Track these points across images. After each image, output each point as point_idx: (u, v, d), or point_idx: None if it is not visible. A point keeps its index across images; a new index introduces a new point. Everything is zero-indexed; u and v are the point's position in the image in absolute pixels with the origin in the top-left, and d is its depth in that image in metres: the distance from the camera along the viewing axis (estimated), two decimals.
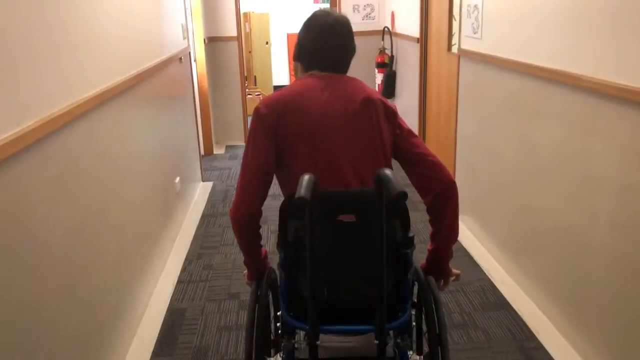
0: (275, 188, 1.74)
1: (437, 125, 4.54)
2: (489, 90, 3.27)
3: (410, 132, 1.75)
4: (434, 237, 1.77)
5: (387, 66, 5.84)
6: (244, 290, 3.05)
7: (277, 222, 1.62)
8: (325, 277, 1.53)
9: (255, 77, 8.81)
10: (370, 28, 6.10)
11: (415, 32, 4.86)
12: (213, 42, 6.01)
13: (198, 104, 5.61)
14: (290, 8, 9.67)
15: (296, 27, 1.88)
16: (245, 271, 1.87)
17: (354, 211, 1.53)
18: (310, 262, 1.43)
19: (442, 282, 1.85)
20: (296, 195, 1.28)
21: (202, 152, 5.81)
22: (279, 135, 1.64)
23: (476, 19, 3.37)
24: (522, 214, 2.92)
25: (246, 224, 1.69)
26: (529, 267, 2.88)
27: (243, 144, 6.23)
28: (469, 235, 3.61)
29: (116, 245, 2.47)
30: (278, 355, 1.80)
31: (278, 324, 1.79)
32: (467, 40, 3.58)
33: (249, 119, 1.90)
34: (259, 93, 8.06)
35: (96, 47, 2.34)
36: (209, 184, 4.90)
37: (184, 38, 4.43)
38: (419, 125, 4.90)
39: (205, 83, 5.66)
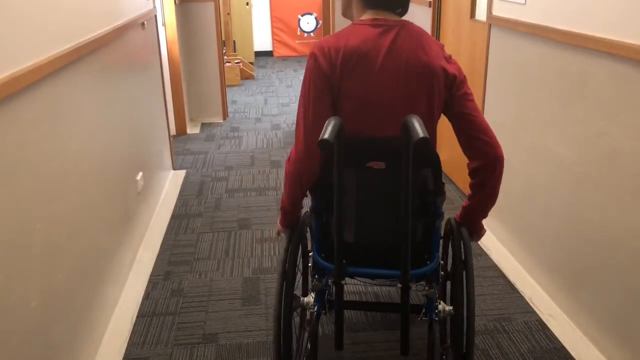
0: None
1: None
2: (535, 70, 2.57)
3: (467, 96, 1.66)
4: (471, 199, 1.76)
5: None
6: (224, 329, 2.37)
7: None
8: (354, 221, 1.61)
9: (234, 42, 7.97)
10: None
11: None
12: (185, 2, 5.18)
13: (168, 76, 4.82)
14: None
15: None
16: (279, 218, 1.85)
17: (383, 158, 1.57)
18: (337, 203, 1.49)
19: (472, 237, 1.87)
20: (320, 138, 1.32)
21: (174, 132, 5.05)
22: (333, 87, 1.60)
23: None
24: (580, 232, 2.26)
25: (305, 179, 1.68)
26: (590, 301, 2.24)
27: (222, 121, 5.47)
28: (503, 253, 2.94)
29: (42, 285, 1.75)
30: (310, 294, 1.83)
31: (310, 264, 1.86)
32: (502, 5, 2.85)
33: (227, 92, 2.18)
34: (238, 61, 7.24)
35: (24, 11, 1.59)
36: (181, 173, 4.16)
37: None
38: None
39: (177, 51, 4.86)
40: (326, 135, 1.32)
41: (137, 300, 2.58)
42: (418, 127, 1.30)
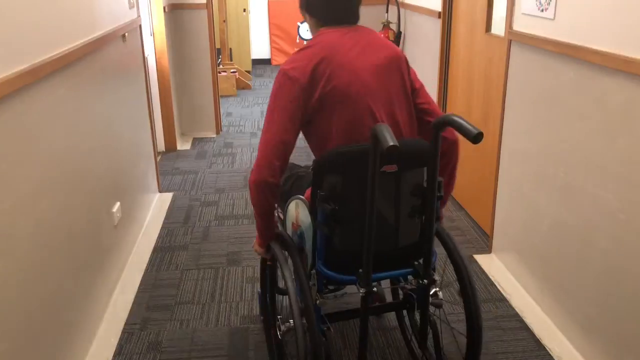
0: None
1: None
2: (567, 95, 2.24)
3: (422, 86, 1.81)
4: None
5: None
6: None
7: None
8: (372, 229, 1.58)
9: (230, 50, 7.65)
10: None
11: (434, 4, 3.78)
12: (176, 10, 4.85)
13: (156, 90, 4.49)
14: None
15: None
16: (255, 242, 1.90)
17: (394, 161, 1.59)
18: (369, 212, 1.50)
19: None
20: (389, 144, 1.31)
21: (163, 149, 4.72)
22: (313, 96, 1.63)
23: None
24: (626, 289, 1.93)
25: (264, 188, 1.68)
26: None
27: (215, 135, 5.13)
28: (527, 300, 2.60)
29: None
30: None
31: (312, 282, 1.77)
32: (525, 19, 2.53)
33: (223, 103, 2.24)
34: (234, 70, 6.91)
35: None
36: (168, 196, 3.82)
37: (132, 7, 3.30)
38: None
39: (166, 62, 4.52)
40: (392, 142, 1.32)
41: (107, 357, 2.24)
42: (387, 135, 1.34)
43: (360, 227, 1.54)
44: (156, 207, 3.63)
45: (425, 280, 1.70)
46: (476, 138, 1.39)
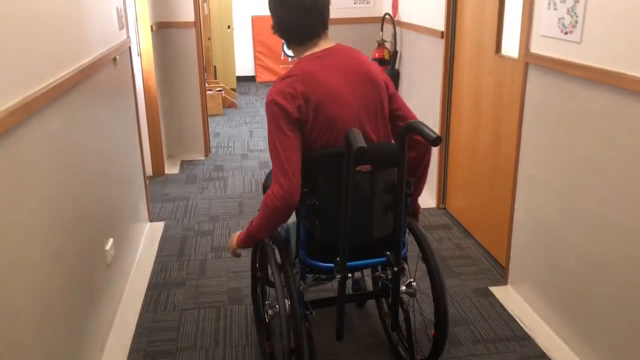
0: None
1: (472, 153, 3.37)
2: (598, 124, 2.11)
3: (396, 95, 1.97)
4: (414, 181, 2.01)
5: (387, 63, 4.63)
6: None
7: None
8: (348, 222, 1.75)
9: (215, 68, 7.47)
10: (364, 14, 4.86)
11: (436, 22, 3.66)
12: (163, 29, 4.67)
13: (143, 111, 4.29)
14: None
15: (261, 9, 3.39)
16: (235, 237, 2.05)
17: (369, 162, 1.78)
18: (345, 207, 1.71)
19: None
20: (357, 146, 1.55)
21: (151, 173, 4.51)
22: (301, 117, 1.77)
23: (571, 10, 2.19)
24: None
25: (291, 210, 1.81)
26: None
27: (204, 158, 4.94)
28: (553, 339, 2.45)
29: None
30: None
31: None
32: (545, 41, 2.41)
33: (210, 122, 3.12)
34: (220, 89, 6.73)
35: None
36: (159, 226, 3.61)
37: (122, 28, 3.11)
38: (441, 149, 3.72)
39: (154, 83, 4.33)
40: (363, 144, 1.55)
41: None
42: (357, 138, 1.57)
43: (338, 220, 1.74)
44: (148, 238, 3.42)
45: (396, 268, 1.90)
46: (435, 141, 1.58)
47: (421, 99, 4.04)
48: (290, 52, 1.94)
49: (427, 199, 3.93)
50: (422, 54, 3.98)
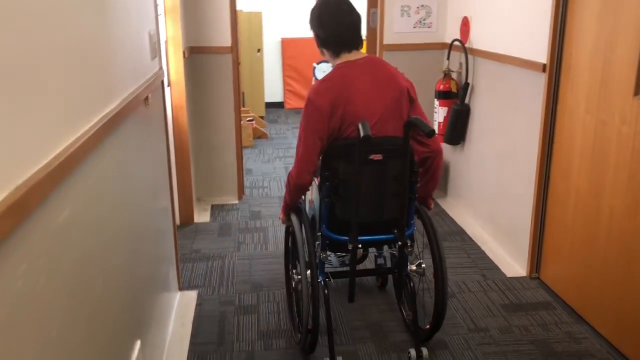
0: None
1: (588, 216, 2.69)
2: None
3: (416, 102, 2.30)
4: (422, 180, 2.34)
5: (453, 97, 3.98)
6: None
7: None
8: (362, 202, 2.17)
9: (243, 94, 6.85)
10: (426, 39, 4.21)
11: (532, 52, 3.00)
12: (196, 54, 4.05)
13: (172, 150, 3.66)
14: (285, 6, 7.72)
15: (291, 31, 4.26)
16: (281, 214, 2.50)
17: (380, 152, 2.11)
18: (357, 188, 2.10)
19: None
20: (364, 134, 1.89)
21: (179, 222, 3.86)
22: (333, 120, 2.15)
23: None
24: None
25: (302, 187, 2.29)
26: None
27: (237, 201, 4.29)
28: None
29: None
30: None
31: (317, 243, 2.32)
32: None
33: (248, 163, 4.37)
34: (251, 119, 6.10)
35: None
36: (191, 297, 2.94)
37: (154, 57, 2.48)
38: (536, 204, 3.02)
39: (184, 117, 3.70)
40: (368, 133, 1.89)
41: None
42: (362, 129, 1.90)
43: (354, 200, 2.10)
44: (178, 316, 2.75)
45: (400, 243, 2.21)
46: (429, 134, 1.97)
47: (504, 142, 3.37)
48: (321, 76, 2.19)
49: (514, 265, 3.25)
50: (508, 88, 3.32)
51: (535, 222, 3.05)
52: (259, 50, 7.09)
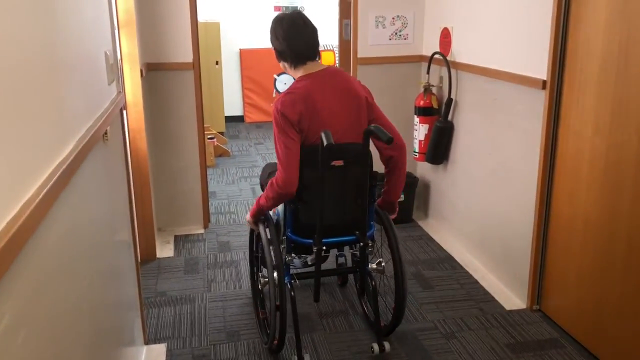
0: None
1: (598, 243, 2.47)
2: None
3: (374, 105, 2.43)
4: (388, 182, 2.49)
5: (435, 113, 3.73)
6: None
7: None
8: (326, 206, 2.28)
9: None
10: (402, 52, 3.96)
11: (534, 69, 2.77)
12: (154, 71, 3.68)
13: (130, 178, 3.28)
14: (243, 15, 7.37)
15: (250, 41, 4.75)
16: (249, 213, 2.53)
17: (342, 158, 2.26)
18: (322, 194, 2.23)
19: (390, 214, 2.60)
20: (327, 143, 2.06)
21: (139, 258, 3.46)
22: (301, 129, 2.25)
23: None
24: None
25: (289, 196, 2.29)
26: None
27: (203, 231, 3.94)
28: None
29: None
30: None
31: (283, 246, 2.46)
32: None
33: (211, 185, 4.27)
34: (212, 136, 5.72)
35: None
36: (159, 351, 2.57)
37: (112, 81, 2.12)
38: (537, 230, 2.79)
39: (144, 142, 3.32)
40: (331, 141, 2.06)
41: None
42: (324, 138, 2.07)
43: (317, 205, 2.25)
44: None
45: (362, 243, 2.39)
46: (388, 141, 2.13)
47: (495, 162, 3.14)
48: (282, 88, 2.65)
49: (511, 296, 3.01)
50: (499, 105, 3.08)
51: (536, 249, 2.81)
52: (217, 63, 6.72)
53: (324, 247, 2.33)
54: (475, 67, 3.28)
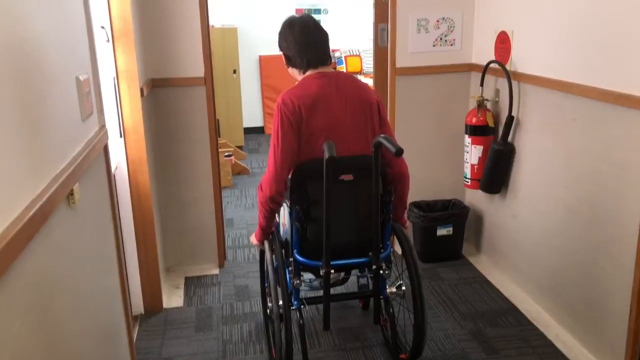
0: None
1: None
2: None
3: (384, 119, 2.28)
4: (395, 198, 2.28)
5: (490, 133, 3.14)
6: None
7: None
8: (334, 224, 2.05)
9: (218, 122, 5.92)
10: (449, 60, 3.37)
11: (631, 82, 2.17)
12: (159, 88, 3.14)
13: (130, 218, 2.76)
14: (262, 19, 6.84)
15: (270, 48, 2.96)
16: (254, 235, 2.43)
17: (351, 172, 2.09)
18: (326, 211, 1.99)
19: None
20: (329, 155, 1.85)
21: (142, 310, 2.93)
22: (302, 128, 2.12)
23: None
24: None
25: (276, 199, 2.17)
26: None
27: (217, 271, 3.39)
28: None
29: None
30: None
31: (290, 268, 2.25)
32: None
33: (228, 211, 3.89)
34: (229, 154, 5.19)
35: None
36: None
37: (89, 115, 1.57)
38: (638, 302, 2.20)
39: (146, 175, 2.78)
40: (333, 154, 1.86)
41: None
42: (327, 150, 1.87)
43: (325, 223, 2.03)
44: None
45: (375, 267, 2.14)
46: (396, 153, 1.85)
47: (574, 197, 2.54)
48: None
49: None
50: (579, 128, 2.48)
51: (637, 313, 2.21)
52: (235, 72, 6.19)
53: (333, 270, 2.12)
54: (546, 80, 2.68)
